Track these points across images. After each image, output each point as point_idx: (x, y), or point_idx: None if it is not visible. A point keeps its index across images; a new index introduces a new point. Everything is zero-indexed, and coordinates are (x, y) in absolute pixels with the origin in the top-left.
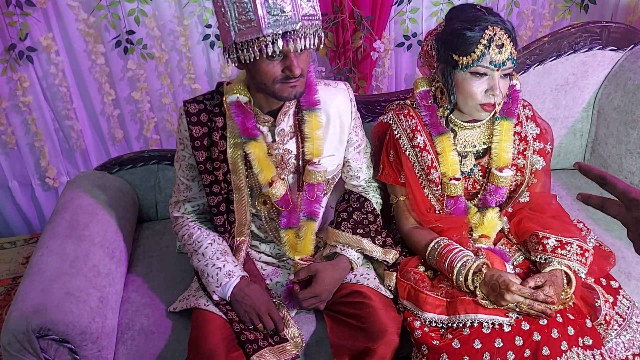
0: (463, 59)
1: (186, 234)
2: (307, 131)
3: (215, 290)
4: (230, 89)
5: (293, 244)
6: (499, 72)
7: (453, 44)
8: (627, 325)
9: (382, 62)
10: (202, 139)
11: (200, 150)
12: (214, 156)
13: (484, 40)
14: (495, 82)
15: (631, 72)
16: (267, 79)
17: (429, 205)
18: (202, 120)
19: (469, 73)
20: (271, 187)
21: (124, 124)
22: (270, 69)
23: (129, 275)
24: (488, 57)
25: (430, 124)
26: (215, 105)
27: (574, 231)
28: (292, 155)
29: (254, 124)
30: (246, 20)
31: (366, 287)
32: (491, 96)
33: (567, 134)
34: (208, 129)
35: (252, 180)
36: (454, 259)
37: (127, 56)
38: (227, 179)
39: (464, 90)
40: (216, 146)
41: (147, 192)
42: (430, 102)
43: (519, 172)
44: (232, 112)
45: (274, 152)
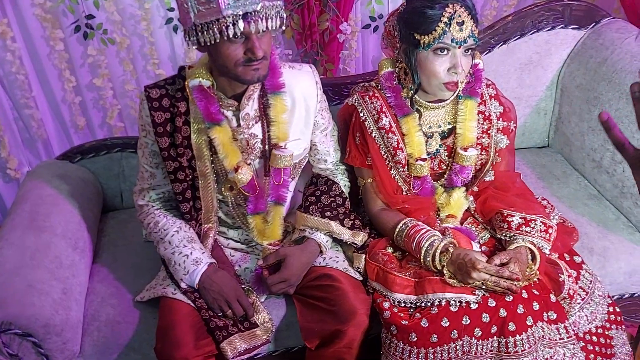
0: (424, 37)
1: (152, 222)
2: (272, 115)
3: (182, 278)
4: (192, 73)
5: (261, 230)
6: (460, 50)
7: (414, 23)
8: (590, 299)
9: (349, 45)
10: (165, 125)
11: (163, 136)
12: (177, 142)
13: (445, 17)
14: (457, 60)
15: (593, 50)
16: (229, 62)
17: (396, 186)
18: (164, 105)
19: (431, 52)
20: (237, 172)
21: (87, 112)
22: (231, 52)
23: (95, 266)
24: (449, 34)
25: (395, 105)
26: (177, 90)
27: (538, 208)
28: (258, 139)
29: (217, 109)
30: (205, 1)
31: (335, 269)
32: (454, 74)
33: (532, 112)
34: (171, 115)
35: (217, 166)
36: (421, 239)
37: (87, 42)
38: (192, 165)
39: (427, 69)
40: (179, 132)
41: (111, 181)
42: (394, 83)
43: (483, 152)
44: (194, 97)
45: (239, 137)
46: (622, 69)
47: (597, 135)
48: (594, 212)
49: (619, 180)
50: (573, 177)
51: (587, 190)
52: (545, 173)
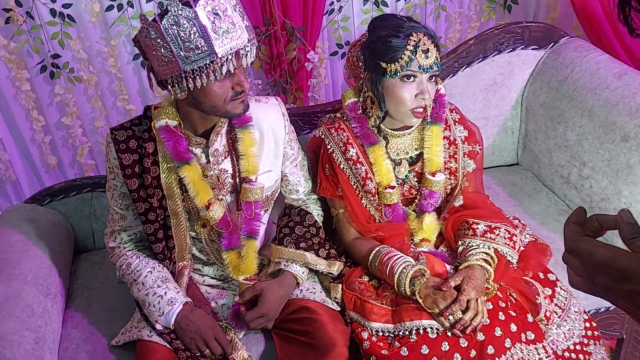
0: (391, 65)
1: (124, 264)
2: (241, 149)
3: (158, 320)
4: (158, 113)
5: (236, 265)
6: (426, 76)
7: (380, 51)
8: (566, 316)
9: (317, 72)
10: (133, 167)
11: (132, 178)
12: (147, 183)
13: (410, 46)
14: (424, 86)
15: (553, 68)
16: (218, 101)
17: (367, 215)
18: (131, 147)
19: (398, 79)
20: (208, 210)
21: (56, 151)
22: (222, 90)
23: (68, 311)
24: (416, 62)
25: (362, 135)
26: (144, 130)
27: (504, 219)
28: (229, 174)
29: (185, 147)
30: (194, 47)
31: (313, 301)
32: (421, 100)
33: (499, 131)
34: (139, 156)
35: (189, 204)
36: (394, 265)
37: (53, 81)
38: (163, 204)
39: (394, 96)
40: (148, 172)
41: (82, 222)
42: (359, 113)
43: (452, 176)
44: (162, 137)
45: (209, 174)
46: (583, 86)
47: (564, 152)
48: None
49: (587, 195)
50: (543, 194)
51: (557, 206)
52: (516, 191)
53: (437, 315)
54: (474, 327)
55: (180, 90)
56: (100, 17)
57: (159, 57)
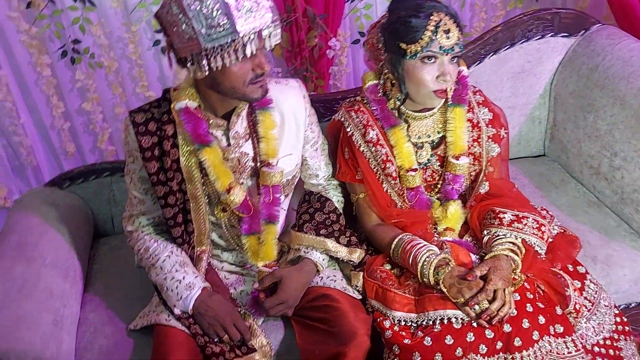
0: (411, 46)
1: (142, 248)
2: (261, 131)
3: (176, 304)
4: (178, 95)
5: (255, 250)
6: (447, 57)
7: (400, 32)
8: (596, 310)
9: (338, 60)
10: (153, 149)
11: (152, 161)
12: (166, 166)
13: (431, 26)
14: (445, 67)
15: (584, 56)
16: (238, 82)
17: (389, 200)
18: (150, 129)
19: (418, 60)
20: (229, 193)
21: (77, 137)
22: (242, 71)
23: (86, 295)
24: (436, 42)
25: (382, 117)
26: (163, 113)
27: (532, 209)
28: (249, 157)
29: (206, 130)
30: (216, 24)
31: (333, 289)
32: (442, 82)
33: (526, 121)
34: (158, 138)
35: (209, 188)
36: (418, 254)
37: (74, 66)
38: (183, 188)
39: (415, 78)
40: (168, 155)
41: (102, 207)
42: (379, 96)
43: (476, 162)
44: (182, 119)
45: (230, 157)
46: (615, 74)
47: (594, 142)
48: (594, 220)
49: (618, 186)
50: (571, 185)
51: (586, 198)
52: (543, 182)
53: (462, 305)
54: (501, 317)
55: (200, 69)
56: (121, 2)
57: (179, 33)
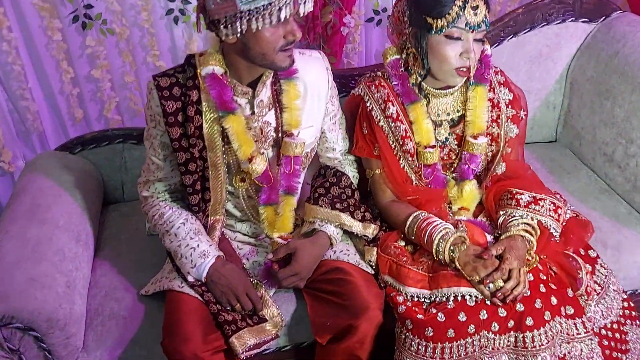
0: (437, 21)
1: (156, 214)
2: (285, 101)
3: (189, 272)
4: (204, 60)
5: (271, 221)
6: (473, 35)
7: (427, 6)
8: (605, 294)
9: (352, 38)
10: (176, 115)
11: (175, 126)
12: (189, 132)
13: (459, 1)
14: (469, 45)
15: (604, 43)
16: (268, 48)
17: (405, 176)
18: (174, 94)
19: (443, 36)
20: (251, 163)
21: (84, 104)
22: (274, 37)
23: (97, 259)
24: (463, 18)
25: (402, 93)
26: (187, 78)
27: (548, 191)
28: (272, 127)
29: (231, 97)
30: None
31: (346, 263)
32: (466, 59)
33: (541, 106)
34: (182, 104)
35: (229, 157)
36: (433, 231)
37: (85, 32)
38: (203, 155)
39: (438, 54)
40: (191, 121)
41: (113, 173)
42: (401, 71)
43: (493, 142)
44: (207, 85)
45: (252, 125)
46: (636, 61)
47: (610, 129)
48: (606, 206)
49: (632, 174)
50: (583, 172)
51: (598, 185)
52: (555, 167)
53: (477, 283)
54: (515, 296)
55: (233, 32)
56: None
57: None
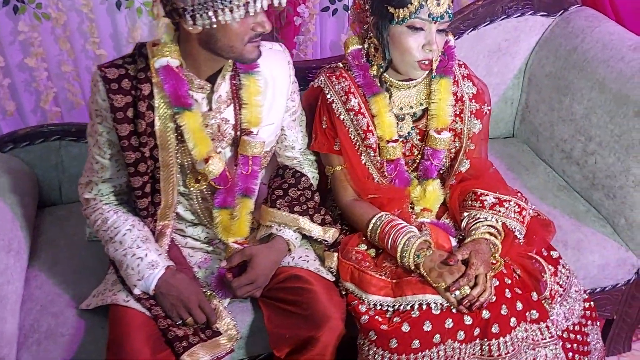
0: (399, 11)
1: (99, 219)
2: (245, 97)
3: (136, 284)
4: (158, 50)
5: (226, 226)
6: (436, 26)
7: None
8: (567, 295)
9: (305, 29)
10: (126, 110)
11: (124, 123)
12: (140, 130)
13: None
14: (432, 37)
15: (562, 37)
16: (236, 40)
17: (367, 173)
18: (124, 87)
19: (405, 27)
20: (207, 163)
21: (17, 95)
22: (242, 29)
23: (30, 270)
24: (426, 9)
25: (364, 84)
26: (139, 70)
27: (512, 192)
28: (230, 125)
29: (186, 91)
30: None
31: (305, 270)
32: (428, 52)
33: (499, 101)
34: (132, 98)
35: (183, 156)
36: (398, 235)
37: (17, 16)
38: (154, 155)
39: (400, 45)
40: (142, 118)
41: (49, 173)
42: (362, 62)
43: (456, 138)
44: (161, 78)
45: (209, 123)
46: (594, 57)
47: (568, 126)
48: (565, 204)
49: (590, 172)
50: (541, 168)
51: (556, 182)
52: (513, 163)
53: (443, 290)
54: (481, 303)
55: (201, 23)
56: None
57: None
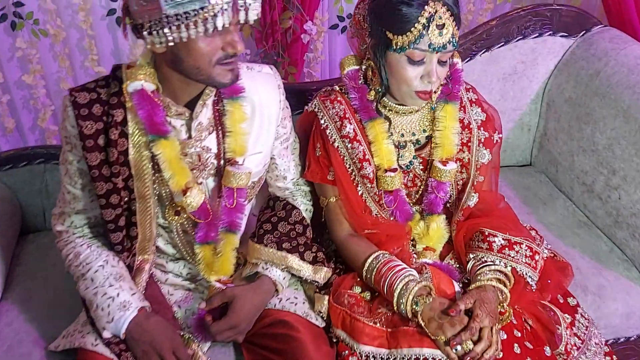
0: (398, 38)
1: (72, 254)
2: (228, 124)
3: (105, 326)
4: (132, 73)
5: (209, 262)
6: (437, 56)
7: (387, 19)
8: (586, 348)
9: (314, 46)
10: (96, 137)
11: (94, 151)
12: (112, 159)
13: (423, 18)
14: (432, 67)
15: (583, 60)
16: (203, 61)
17: (363, 205)
18: (94, 113)
19: (404, 55)
20: (185, 195)
21: (16, 113)
22: (209, 49)
23: (3, 304)
24: (426, 38)
25: (360, 108)
26: (111, 94)
27: (525, 232)
28: (212, 154)
29: (162, 118)
30: None
31: (293, 314)
32: (427, 83)
33: (515, 127)
34: (104, 125)
35: (161, 187)
36: (395, 279)
37: (15, 33)
38: (129, 185)
39: (397, 73)
40: (115, 146)
41: (32, 198)
42: (360, 83)
43: (463, 169)
44: (134, 104)
45: (189, 151)
46: (619, 83)
47: (589, 157)
48: (585, 243)
49: (613, 208)
50: (560, 201)
51: (576, 217)
52: (529, 196)
53: (443, 343)
54: None
55: (159, 40)
56: None
57: None
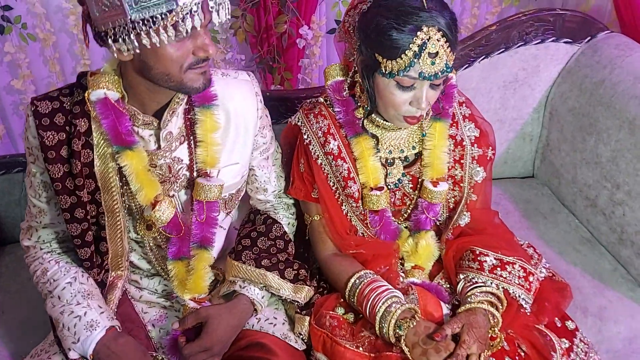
0: (388, 62)
1: (39, 270)
2: (200, 133)
3: (71, 347)
4: (95, 81)
5: (182, 279)
6: (428, 83)
7: (377, 42)
8: None
9: (310, 51)
10: (59, 149)
11: (56, 163)
12: (75, 171)
13: (415, 46)
14: (422, 95)
15: (588, 68)
16: (173, 68)
17: (348, 225)
18: (57, 123)
19: (393, 81)
20: (154, 209)
21: (5, 118)
22: (180, 53)
23: None
24: (417, 67)
25: (345, 123)
26: (75, 103)
27: (519, 250)
28: (184, 165)
29: (128, 128)
30: None
31: (271, 336)
32: (416, 110)
33: (516, 138)
34: (66, 135)
35: (130, 200)
36: (377, 300)
37: (3, 37)
38: (97, 198)
39: (385, 97)
40: (78, 158)
41: (11, 208)
42: (345, 95)
43: (456, 186)
44: (98, 113)
45: (158, 163)
46: (625, 92)
47: (593, 169)
48: (587, 261)
49: (617, 224)
50: (562, 216)
51: (578, 233)
52: (530, 210)
53: None
54: None
55: (125, 47)
56: None
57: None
